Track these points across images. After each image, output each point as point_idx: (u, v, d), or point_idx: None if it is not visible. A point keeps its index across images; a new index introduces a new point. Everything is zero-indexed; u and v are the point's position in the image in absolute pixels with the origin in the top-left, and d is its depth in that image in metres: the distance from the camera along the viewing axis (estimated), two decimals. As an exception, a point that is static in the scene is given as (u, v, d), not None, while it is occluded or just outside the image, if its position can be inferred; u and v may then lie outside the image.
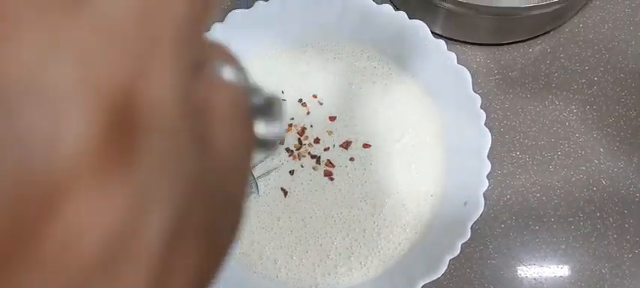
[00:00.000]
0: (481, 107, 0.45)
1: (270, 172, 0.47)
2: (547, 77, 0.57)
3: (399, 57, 0.49)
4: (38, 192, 0.11)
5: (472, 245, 0.52)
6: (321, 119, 0.49)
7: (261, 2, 0.47)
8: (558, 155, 0.54)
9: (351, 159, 0.48)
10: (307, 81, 0.50)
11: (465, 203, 0.44)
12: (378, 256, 0.45)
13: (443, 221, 0.45)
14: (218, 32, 0.47)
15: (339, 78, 0.50)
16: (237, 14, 0.47)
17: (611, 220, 0.52)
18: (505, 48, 0.57)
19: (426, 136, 0.48)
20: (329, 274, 0.45)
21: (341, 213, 0.47)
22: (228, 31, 0.47)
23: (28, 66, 0.11)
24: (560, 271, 0.51)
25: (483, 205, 0.43)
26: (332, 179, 0.48)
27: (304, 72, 0.50)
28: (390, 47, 0.49)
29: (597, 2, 0.59)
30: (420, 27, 0.47)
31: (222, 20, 0.47)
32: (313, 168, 0.48)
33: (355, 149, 0.49)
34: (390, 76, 0.49)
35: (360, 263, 0.45)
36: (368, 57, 0.50)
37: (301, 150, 0.48)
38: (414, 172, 0.47)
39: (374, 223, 0.46)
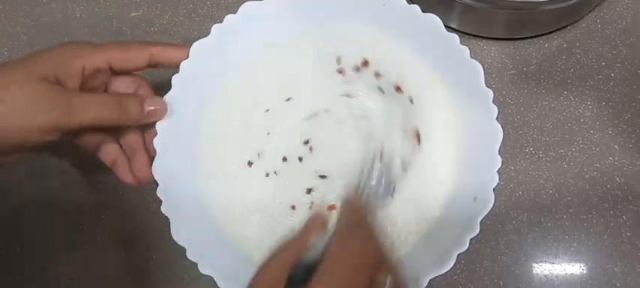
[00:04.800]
0: (495, 102, 0.44)
1: None
2: (563, 73, 0.56)
3: (411, 50, 0.49)
4: None
5: (483, 241, 0.51)
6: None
7: None
8: (572, 152, 0.54)
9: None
10: (317, 76, 0.50)
11: (475, 198, 0.44)
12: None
13: (452, 216, 0.45)
14: (230, 23, 0.47)
15: (349, 74, 0.49)
16: (249, 6, 0.47)
17: (624, 218, 0.52)
18: (520, 43, 0.57)
19: (437, 130, 0.48)
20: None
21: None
22: (239, 23, 0.47)
23: None
24: (572, 268, 0.51)
25: (493, 200, 0.43)
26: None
27: (314, 65, 0.50)
28: (402, 41, 0.48)
29: (615, -3, 0.58)
30: (433, 20, 0.46)
31: (235, 12, 0.47)
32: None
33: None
34: (402, 70, 0.49)
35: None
36: (380, 50, 0.49)
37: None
38: (424, 166, 0.47)
39: (383, 216, 0.46)
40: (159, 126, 0.44)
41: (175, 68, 0.45)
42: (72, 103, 0.40)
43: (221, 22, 0.47)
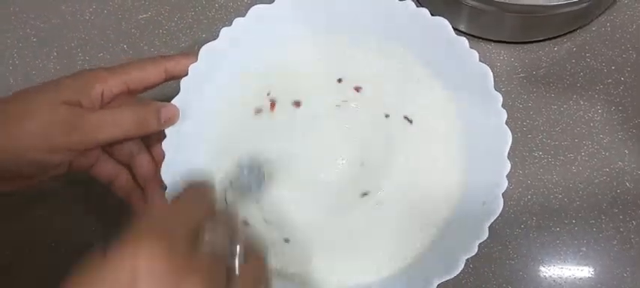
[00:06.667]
0: (504, 106, 0.44)
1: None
2: (572, 76, 0.56)
3: (420, 54, 0.48)
4: None
5: (491, 245, 0.51)
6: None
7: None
8: (582, 156, 0.53)
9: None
10: (325, 78, 0.50)
11: (484, 203, 0.43)
12: (394, 255, 0.45)
13: (461, 220, 0.45)
14: (239, 26, 0.47)
15: (358, 75, 0.49)
16: (259, 9, 0.47)
17: (634, 223, 0.51)
18: (530, 46, 0.57)
19: (445, 133, 0.48)
20: (343, 273, 0.45)
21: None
22: (248, 26, 0.47)
23: None
24: (581, 273, 0.50)
25: (502, 205, 0.42)
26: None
27: (321, 68, 0.50)
28: (412, 44, 0.48)
29: (625, 1, 0.58)
30: (442, 24, 0.46)
31: (243, 15, 0.47)
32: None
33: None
34: (411, 73, 0.49)
35: (376, 262, 0.45)
36: (389, 54, 0.49)
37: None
38: (432, 170, 0.47)
39: (391, 221, 0.46)
40: (168, 130, 0.44)
41: None
42: (91, 122, 0.41)
43: (230, 24, 0.47)
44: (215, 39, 0.46)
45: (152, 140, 0.46)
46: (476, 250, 0.41)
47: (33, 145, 0.39)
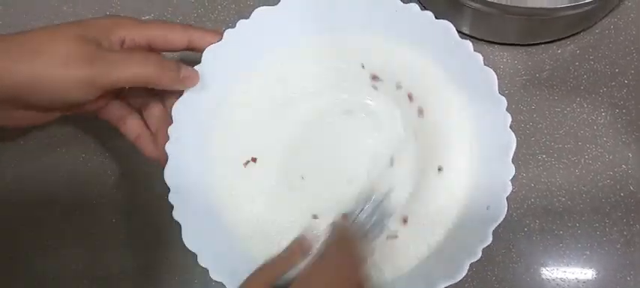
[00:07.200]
0: (507, 109, 0.44)
1: None
2: (575, 79, 0.56)
3: (424, 56, 0.48)
4: None
5: (494, 248, 0.51)
6: None
7: (287, 0, 0.47)
8: (585, 159, 0.53)
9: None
10: (328, 82, 0.50)
11: (488, 207, 0.43)
12: (397, 259, 0.45)
13: (465, 224, 0.45)
14: (243, 28, 0.47)
15: (363, 79, 0.49)
16: (262, 11, 0.47)
17: (637, 226, 0.51)
18: (533, 49, 0.57)
19: (449, 137, 0.47)
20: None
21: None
22: (252, 27, 0.47)
23: None
24: (584, 276, 0.50)
25: (506, 209, 0.42)
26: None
27: (326, 72, 0.50)
28: (416, 47, 0.48)
29: (629, 3, 0.57)
30: (447, 27, 0.46)
31: (247, 17, 0.47)
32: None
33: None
34: (414, 76, 0.49)
35: (379, 265, 0.45)
36: (392, 55, 0.49)
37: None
38: (436, 174, 0.47)
39: (394, 225, 0.46)
40: (171, 133, 0.44)
41: None
42: (110, 59, 0.41)
43: (233, 27, 0.47)
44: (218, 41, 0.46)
45: (166, 94, 0.46)
46: (480, 254, 0.41)
47: (47, 75, 0.39)
